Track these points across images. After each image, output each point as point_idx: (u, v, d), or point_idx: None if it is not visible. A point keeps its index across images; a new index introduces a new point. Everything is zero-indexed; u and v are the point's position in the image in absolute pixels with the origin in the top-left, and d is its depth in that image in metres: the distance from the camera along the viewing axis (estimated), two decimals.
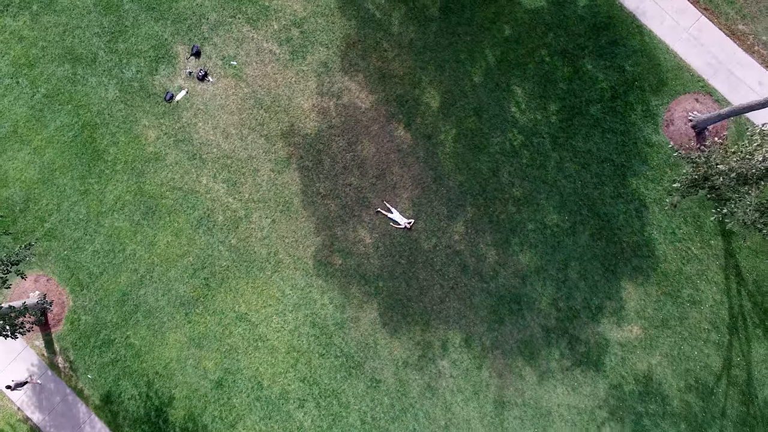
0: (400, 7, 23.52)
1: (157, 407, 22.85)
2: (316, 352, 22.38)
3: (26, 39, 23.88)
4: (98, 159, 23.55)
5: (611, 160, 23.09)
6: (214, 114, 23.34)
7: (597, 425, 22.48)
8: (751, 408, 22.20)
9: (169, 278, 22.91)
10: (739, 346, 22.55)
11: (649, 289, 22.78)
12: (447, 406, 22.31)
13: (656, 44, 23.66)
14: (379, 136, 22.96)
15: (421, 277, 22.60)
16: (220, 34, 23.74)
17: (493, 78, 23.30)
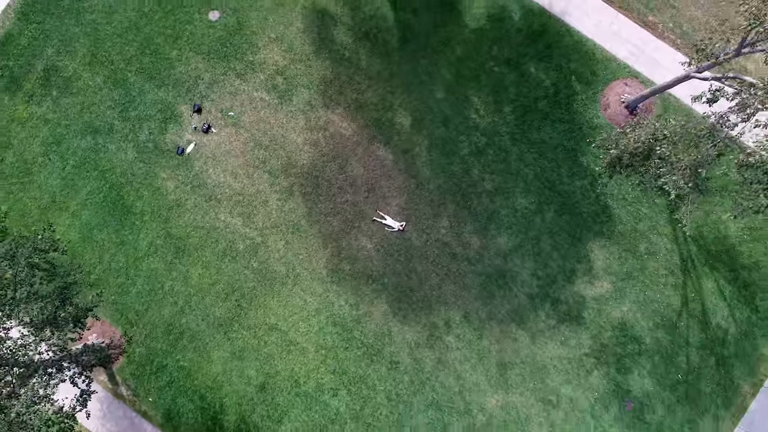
0: (364, 44, 27.53)
1: (212, 416, 26.55)
2: (341, 346, 26.23)
3: (51, 121, 27.64)
4: (128, 213, 27.30)
5: (563, 145, 27.16)
6: (221, 159, 27.20)
7: (586, 370, 26.46)
8: (708, 333, 26.31)
9: (206, 305, 26.68)
10: (692, 284, 26.66)
11: (612, 248, 26.84)
12: (458, 375, 26.22)
13: (584, 42, 27.83)
14: (364, 157, 26.92)
15: (419, 269, 26.54)
16: (216, 91, 27.62)
17: (453, 92, 27.35)
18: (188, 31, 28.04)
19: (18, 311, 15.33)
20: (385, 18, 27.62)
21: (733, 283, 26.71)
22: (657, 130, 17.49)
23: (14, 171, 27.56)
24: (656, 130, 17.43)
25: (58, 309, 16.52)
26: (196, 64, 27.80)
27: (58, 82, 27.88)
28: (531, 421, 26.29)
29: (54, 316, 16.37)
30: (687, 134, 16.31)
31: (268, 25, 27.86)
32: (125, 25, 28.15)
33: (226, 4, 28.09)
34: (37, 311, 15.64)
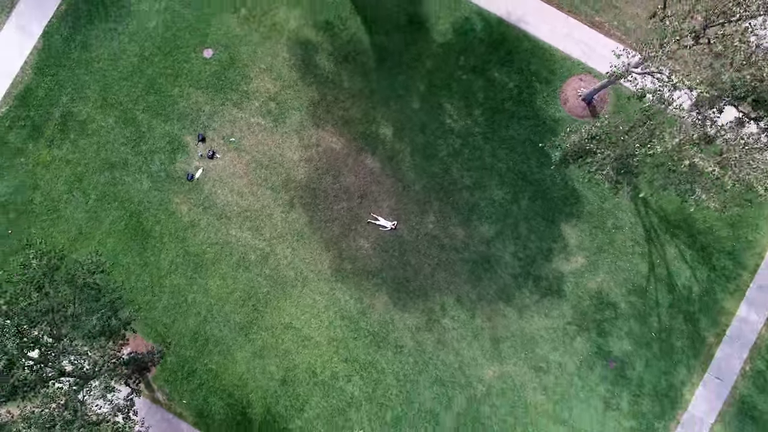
0: (345, 67, 30.76)
1: (240, 411, 29.63)
2: (350, 337, 29.37)
3: (71, 161, 30.78)
4: (148, 237, 30.43)
5: (530, 139, 30.38)
6: (227, 181, 30.37)
7: (570, 337, 29.65)
8: (674, 294, 29.53)
9: (226, 312, 29.80)
10: (656, 252, 29.89)
11: (582, 226, 30.06)
12: (456, 352, 29.38)
13: (541, 45, 31.09)
14: (355, 167, 30.12)
15: (413, 262, 29.71)
16: (217, 120, 30.81)
17: (427, 101, 30.58)
18: (186, 69, 31.23)
19: (78, 324, 18.35)
20: (362, 41, 30.86)
21: (692, 247, 29.95)
22: (588, 132, 20.71)
23: (43, 209, 30.69)
24: (588, 132, 20.63)
25: (109, 320, 19.57)
26: (196, 98, 30.98)
27: (75, 126, 31.03)
28: (525, 387, 29.46)
29: (108, 327, 19.41)
30: (613, 132, 19.48)
31: (258, 57, 31.07)
32: (130, 70, 31.33)
33: (218, 42, 31.30)
34: (96, 322, 18.68)
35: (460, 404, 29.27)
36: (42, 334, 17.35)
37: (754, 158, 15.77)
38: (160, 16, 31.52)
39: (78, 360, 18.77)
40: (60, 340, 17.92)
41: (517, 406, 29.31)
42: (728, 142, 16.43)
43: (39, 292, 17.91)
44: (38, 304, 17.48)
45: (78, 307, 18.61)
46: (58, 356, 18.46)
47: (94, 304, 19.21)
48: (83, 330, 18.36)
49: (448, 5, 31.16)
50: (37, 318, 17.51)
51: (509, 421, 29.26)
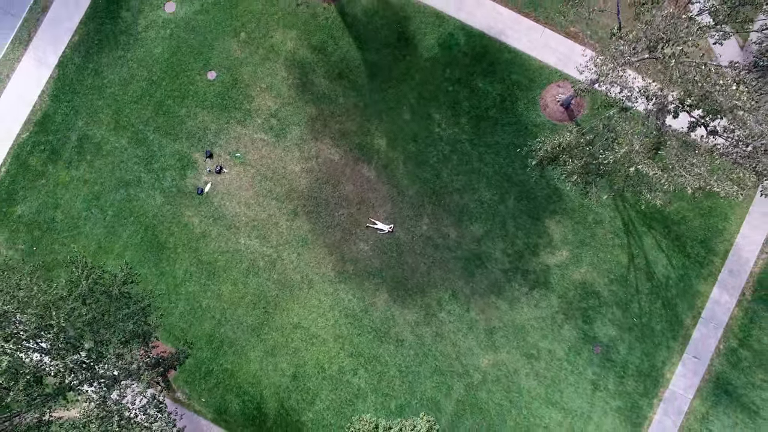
0: (340, 83, 33.13)
1: (255, 406, 31.93)
2: (354, 333, 31.71)
3: (89, 181, 33.10)
4: (163, 248, 32.74)
5: (514, 143, 32.76)
6: (235, 193, 32.70)
7: (558, 325, 32.02)
8: (653, 281, 31.92)
9: (238, 315, 32.12)
10: (635, 243, 32.29)
11: (565, 222, 32.45)
12: (453, 343, 31.73)
13: (520, 55, 33.48)
14: (352, 176, 32.49)
15: (410, 262, 32.07)
16: (222, 137, 33.15)
17: (417, 113, 32.96)
18: (192, 90, 33.56)
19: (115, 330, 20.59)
20: (354, 59, 33.24)
21: (668, 237, 32.36)
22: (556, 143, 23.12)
23: (64, 227, 32.99)
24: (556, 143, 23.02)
25: (142, 325, 21.82)
26: (202, 117, 33.32)
27: (91, 148, 33.35)
28: (519, 373, 31.82)
29: (141, 331, 21.66)
30: (578, 143, 21.86)
31: (258, 77, 33.42)
32: (139, 93, 33.66)
33: (221, 64, 33.65)
34: (132, 326, 20.93)
35: (459, 392, 31.62)
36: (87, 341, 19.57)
37: (690, 162, 18.12)
38: (166, 42, 33.87)
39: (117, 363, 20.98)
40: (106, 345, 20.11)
41: (511, 391, 31.67)
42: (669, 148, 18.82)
43: (85, 304, 20.18)
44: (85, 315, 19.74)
45: (113, 314, 20.87)
46: (98, 360, 20.66)
47: (127, 311, 21.46)
48: (119, 335, 20.59)
49: (433, 22, 33.55)
50: (83, 327, 19.76)
51: (505, 405, 31.63)
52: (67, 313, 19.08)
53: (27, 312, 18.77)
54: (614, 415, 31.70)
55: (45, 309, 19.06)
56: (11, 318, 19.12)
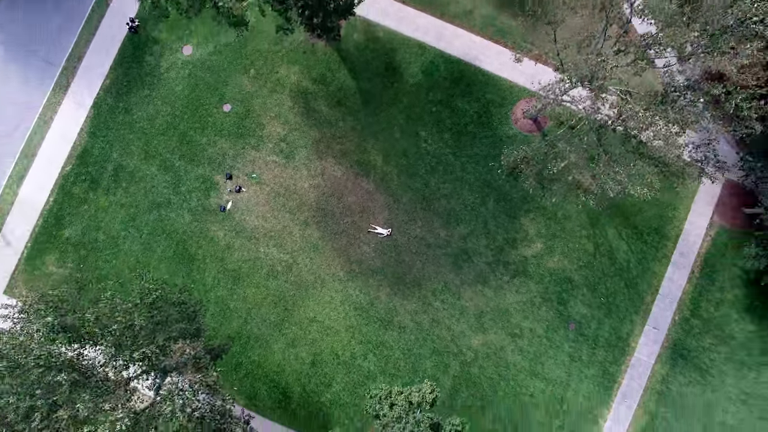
0: (338, 109, 38.38)
1: (281, 391, 36.99)
2: (363, 323, 36.89)
3: (125, 205, 38.19)
4: (193, 260, 37.83)
5: (491, 153, 38.04)
6: (253, 209, 37.86)
7: (537, 307, 37.27)
8: (616, 265, 37.26)
9: (262, 313, 37.23)
10: (599, 233, 37.61)
11: (538, 219, 37.76)
12: (448, 327, 36.95)
13: (493, 77, 38.81)
14: (354, 189, 37.73)
15: (407, 260, 37.30)
16: (240, 161, 38.31)
17: (406, 131, 38.24)
18: (210, 122, 38.73)
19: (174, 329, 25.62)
20: (350, 88, 38.52)
21: (627, 226, 37.72)
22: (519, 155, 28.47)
23: (106, 245, 38.03)
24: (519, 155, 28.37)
25: (194, 323, 26.87)
26: (221, 144, 38.48)
27: (125, 176, 38.44)
28: (505, 350, 37.07)
29: (194, 329, 26.72)
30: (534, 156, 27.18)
31: (268, 107, 38.63)
32: (165, 126, 38.78)
33: (234, 98, 38.82)
34: (191, 326, 25.98)
35: (455, 368, 36.85)
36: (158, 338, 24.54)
37: (614, 171, 23.36)
38: (185, 81, 39.03)
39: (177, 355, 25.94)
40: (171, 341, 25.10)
41: (500, 366, 36.93)
42: (599, 160, 24.09)
43: (155, 309, 25.24)
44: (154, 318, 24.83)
45: (173, 316, 25.91)
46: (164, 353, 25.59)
47: (183, 314, 26.53)
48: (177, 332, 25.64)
49: (416, 52, 38.88)
50: (152, 328, 24.79)
51: (495, 378, 36.87)
52: (144, 317, 24.09)
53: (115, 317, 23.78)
54: (589, 381, 36.99)
55: (127, 314, 24.09)
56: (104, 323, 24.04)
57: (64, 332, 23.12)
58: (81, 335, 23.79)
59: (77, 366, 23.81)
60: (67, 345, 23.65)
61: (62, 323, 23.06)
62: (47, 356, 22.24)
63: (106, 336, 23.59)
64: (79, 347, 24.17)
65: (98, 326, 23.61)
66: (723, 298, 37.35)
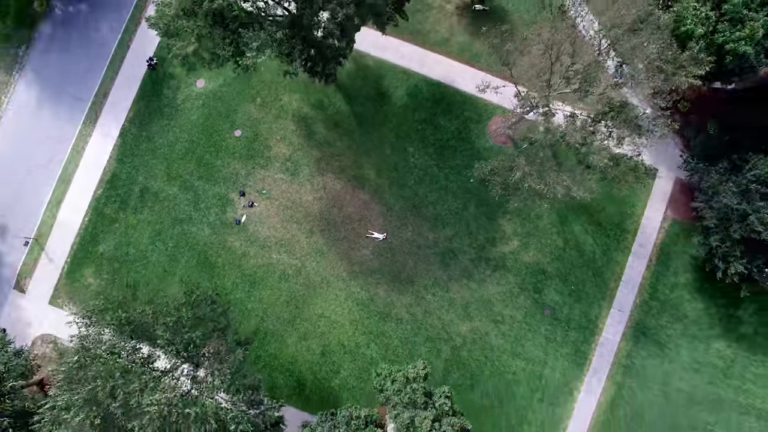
0: (336, 131, 43.78)
1: (296, 380, 42.28)
2: (364, 317, 42.28)
3: (151, 222, 43.46)
4: (214, 268, 43.12)
5: (470, 165, 43.42)
6: (265, 221, 43.20)
7: (516, 297, 42.74)
8: (584, 257, 42.79)
9: (276, 312, 42.55)
10: (568, 229, 43.14)
11: (514, 219, 43.25)
12: (439, 317, 42.37)
13: (470, 97, 44.29)
14: (352, 200, 43.14)
15: (401, 260, 42.72)
16: (251, 180, 43.63)
17: (396, 148, 43.68)
18: (224, 146, 44.04)
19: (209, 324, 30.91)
20: (345, 111, 43.95)
21: (592, 222, 43.26)
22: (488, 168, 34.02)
23: (136, 258, 43.27)
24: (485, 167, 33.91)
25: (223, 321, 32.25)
26: (234, 165, 43.82)
27: (150, 196, 43.71)
28: (489, 335, 42.51)
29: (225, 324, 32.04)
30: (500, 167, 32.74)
31: (273, 131, 44.00)
32: (183, 151, 44.07)
33: (244, 124, 44.16)
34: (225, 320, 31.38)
35: (446, 353, 42.27)
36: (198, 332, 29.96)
37: (561, 178, 28.85)
38: (200, 110, 44.36)
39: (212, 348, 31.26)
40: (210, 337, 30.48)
41: (485, 349, 42.37)
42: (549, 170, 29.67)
43: (194, 307, 30.60)
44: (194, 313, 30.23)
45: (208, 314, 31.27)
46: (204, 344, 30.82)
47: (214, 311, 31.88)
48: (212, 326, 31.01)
49: (401, 78, 44.35)
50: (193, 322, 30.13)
51: (481, 360, 42.30)
52: (189, 312, 29.45)
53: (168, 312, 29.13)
54: (563, 359, 42.49)
55: (176, 309, 29.43)
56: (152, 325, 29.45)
57: (128, 325, 28.38)
58: (140, 328, 29.08)
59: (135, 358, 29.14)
60: (128, 339, 28.94)
61: (128, 318, 28.33)
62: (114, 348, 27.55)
63: (160, 327, 28.87)
64: (136, 341, 29.44)
65: (154, 319, 28.93)
66: (677, 282, 42.96)
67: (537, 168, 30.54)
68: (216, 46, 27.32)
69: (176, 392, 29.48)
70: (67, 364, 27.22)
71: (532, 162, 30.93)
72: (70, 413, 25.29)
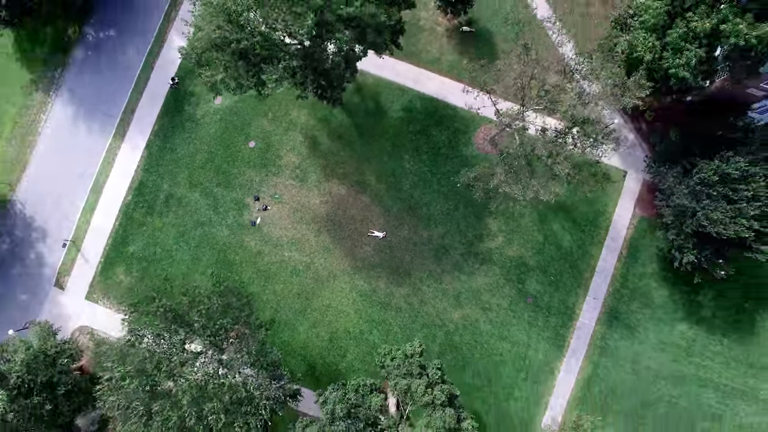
0: (339, 141, 49.08)
1: (308, 364, 47.43)
2: (367, 306, 47.53)
3: (176, 224, 48.65)
4: (232, 265, 48.32)
5: (459, 170, 48.76)
6: (278, 223, 48.44)
7: (501, 287, 48.04)
8: (561, 250, 48.13)
9: (288, 303, 47.75)
10: (547, 227, 48.46)
11: (499, 218, 48.57)
12: (433, 306, 47.63)
13: (459, 110, 49.64)
14: (355, 203, 48.43)
15: (398, 256, 48.00)
16: (264, 186, 48.87)
17: (393, 156, 49.00)
18: (239, 156, 49.29)
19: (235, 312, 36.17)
20: (347, 124, 49.27)
21: (568, 220, 48.62)
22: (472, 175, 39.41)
23: (163, 257, 48.44)
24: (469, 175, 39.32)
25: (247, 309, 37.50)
26: (249, 173, 49.05)
27: (174, 202, 48.90)
28: (479, 321, 47.79)
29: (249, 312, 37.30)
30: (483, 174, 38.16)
31: (284, 142, 49.26)
32: (203, 161, 49.29)
33: (257, 136, 49.41)
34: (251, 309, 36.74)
35: (440, 338, 47.50)
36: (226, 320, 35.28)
37: (531, 183, 34.32)
38: (217, 124, 49.62)
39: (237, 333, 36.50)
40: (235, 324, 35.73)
41: (475, 334, 47.63)
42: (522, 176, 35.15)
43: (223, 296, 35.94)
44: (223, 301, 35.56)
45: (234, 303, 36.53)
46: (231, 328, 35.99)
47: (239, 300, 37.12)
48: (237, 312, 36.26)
49: (397, 94, 49.69)
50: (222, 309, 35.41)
51: (472, 343, 47.54)
52: (220, 300, 34.74)
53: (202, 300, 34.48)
54: (545, 342, 47.77)
55: (208, 298, 34.72)
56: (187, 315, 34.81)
57: (170, 312, 33.61)
58: (179, 316, 34.32)
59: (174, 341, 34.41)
60: (170, 324, 34.19)
61: (170, 306, 33.56)
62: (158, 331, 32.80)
63: (195, 314, 34.10)
64: (175, 326, 34.67)
65: (190, 307, 34.20)
66: (645, 272, 48.33)
67: (513, 175, 35.90)
68: (240, 77, 32.55)
69: (209, 368, 34.68)
70: (119, 342, 32.38)
71: (509, 170, 36.31)
72: (125, 381, 30.40)
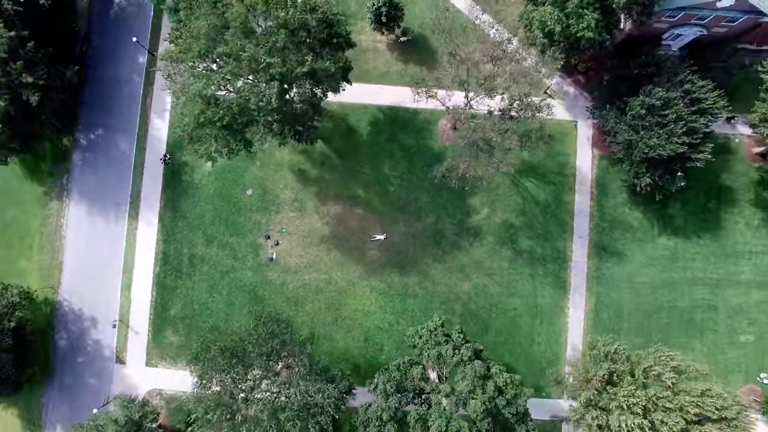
0: (323, 167, 55.12)
1: (352, 365, 53.19)
2: (388, 301, 53.54)
3: (204, 279, 54.58)
4: (263, 300, 54.19)
5: (431, 163, 54.76)
6: (291, 252, 54.43)
7: (498, 251, 54.09)
8: (540, 205, 54.21)
9: (321, 318, 53.65)
10: (522, 188, 54.52)
11: (481, 194, 54.59)
12: (445, 284, 53.65)
13: (417, 111, 55.62)
14: (351, 216, 54.47)
15: (402, 250, 54.02)
16: (271, 224, 54.85)
17: (372, 166, 55.04)
18: (241, 205, 55.27)
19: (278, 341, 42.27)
20: (326, 151, 55.31)
21: (537, 177, 54.71)
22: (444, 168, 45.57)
23: (201, 311, 54.36)
24: (440, 168, 45.47)
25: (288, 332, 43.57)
26: (254, 217, 55.04)
27: (197, 260, 54.86)
28: (487, 286, 53.86)
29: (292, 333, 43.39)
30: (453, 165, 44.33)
31: (277, 182, 55.27)
32: (212, 218, 55.22)
33: (252, 183, 55.37)
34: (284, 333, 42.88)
35: (459, 309, 53.53)
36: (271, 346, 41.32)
37: (488, 161, 40.56)
38: (215, 183, 55.62)
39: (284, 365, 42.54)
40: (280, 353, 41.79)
41: (487, 298, 53.68)
42: (481, 157, 41.26)
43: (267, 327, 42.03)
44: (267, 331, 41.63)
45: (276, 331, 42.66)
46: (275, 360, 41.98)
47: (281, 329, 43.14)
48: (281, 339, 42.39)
49: (361, 112, 55.79)
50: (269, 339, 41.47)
51: (486, 307, 53.59)
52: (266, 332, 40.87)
53: (250, 338, 40.56)
54: (549, 287, 53.84)
55: (255, 329, 40.90)
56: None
57: (228, 351, 39.66)
58: (235, 352, 40.35)
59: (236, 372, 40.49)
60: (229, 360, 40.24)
61: (226, 346, 39.64)
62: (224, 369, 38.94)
63: (248, 345, 40.14)
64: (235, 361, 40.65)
65: (242, 342, 40.29)
66: (616, 203, 54.48)
67: (475, 159, 42.01)
68: (229, 144, 38.62)
69: (273, 387, 40.71)
70: (193, 388, 38.51)
71: (470, 155, 42.40)
72: (209, 415, 36.43)
